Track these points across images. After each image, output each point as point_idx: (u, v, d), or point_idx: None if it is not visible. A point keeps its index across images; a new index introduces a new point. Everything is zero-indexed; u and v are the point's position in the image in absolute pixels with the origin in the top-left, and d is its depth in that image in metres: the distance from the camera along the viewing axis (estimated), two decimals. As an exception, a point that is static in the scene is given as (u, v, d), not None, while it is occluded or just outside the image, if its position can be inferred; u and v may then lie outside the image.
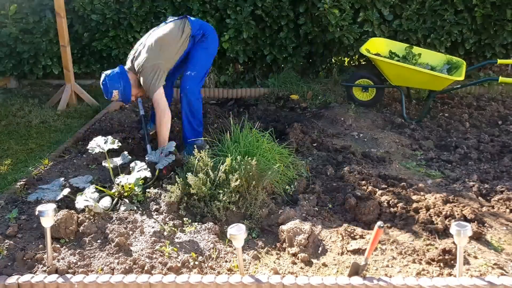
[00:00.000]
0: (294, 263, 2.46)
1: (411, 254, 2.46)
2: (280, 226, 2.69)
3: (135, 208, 2.92)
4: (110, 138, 3.31)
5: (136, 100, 3.97)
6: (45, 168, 3.55)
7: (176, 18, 3.81)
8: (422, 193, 3.03)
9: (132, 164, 3.20)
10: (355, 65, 6.32)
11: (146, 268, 2.35)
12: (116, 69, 3.61)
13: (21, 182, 3.25)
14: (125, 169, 3.30)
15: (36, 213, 2.33)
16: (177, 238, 2.65)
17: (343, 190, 3.07)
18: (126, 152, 3.36)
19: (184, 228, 2.73)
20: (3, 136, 4.49)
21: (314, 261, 2.47)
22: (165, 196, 2.93)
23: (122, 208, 2.90)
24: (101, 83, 3.57)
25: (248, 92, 5.76)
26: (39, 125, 4.81)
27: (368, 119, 4.66)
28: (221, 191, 2.84)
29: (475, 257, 2.42)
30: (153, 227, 2.72)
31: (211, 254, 2.49)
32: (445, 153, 3.83)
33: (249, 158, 3.06)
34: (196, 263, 2.41)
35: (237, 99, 5.65)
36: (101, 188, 3.04)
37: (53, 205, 2.33)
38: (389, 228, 2.72)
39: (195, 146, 3.29)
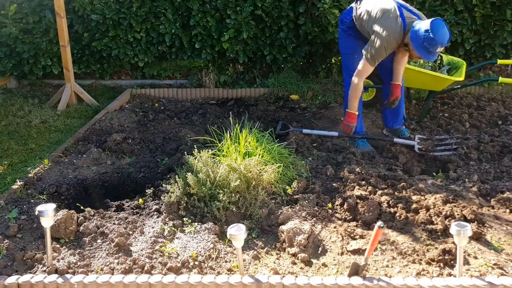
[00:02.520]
0: (294, 263, 2.46)
1: (411, 254, 2.46)
2: (280, 226, 2.69)
3: None
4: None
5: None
6: (45, 168, 3.55)
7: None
8: (422, 193, 3.03)
9: None
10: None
11: (146, 268, 2.35)
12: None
13: (21, 182, 3.24)
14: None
15: (36, 213, 2.33)
16: (177, 238, 2.65)
17: (343, 190, 3.07)
18: None
19: (184, 228, 2.73)
20: (3, 136, 4.49)
21: (314, 261, 2.47)
22: (165, 196, 2.93)
23: None
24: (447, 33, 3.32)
25: (248, 92, 5.77)
26: (39, 125, 4.81)
27: (368, 119, 4.66)
28: (221, 191, 2.84)
29: (475, 257, 2.42)
30: (153, 227, 2.72)
31: (211, 254, 2.48)
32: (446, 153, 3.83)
33: (249, 158, 3.07)
34: (196, 263, 2.41)
35: (237, 99, 5.65)
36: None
37: (53, 205, 2.33)
38: (389, 228, 2.72)
39: None
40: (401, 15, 3.44)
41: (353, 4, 3.84)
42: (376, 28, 3.47)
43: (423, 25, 3.31)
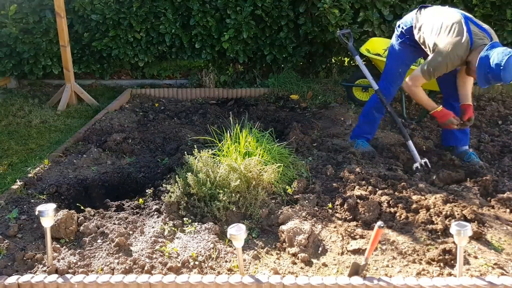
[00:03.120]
0: (294, 263, 2.46)
1: (411, 254, 2.46)
2: (280, 226, 2.69)
3: None
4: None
5: None
6: (45, 168, 3.55)
7: None
8: (422, 193, 3.03)
9: None
10: (355, 65, 6.32)
11: (146, 268, 2.35)
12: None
13: (21, 182, 3.24)
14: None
15: (36, 213, 2.33)
16: (177, 238, 2.65)
17: (343, 190, 3.07)
18: None
19: (184, 228, 2.73)
20: (3, 136, 4.49)
21: (314, 261, 2.47)
22: (165, 196, 2.93)
23: None
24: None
25: (248, 92, 5.77)
26: (39, 125, 4.81)
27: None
28: (221, 191, 2.84)
29: (475, 257, 2.42)
30: (153, 227, 2.72)
31: (211, 254, 2.48)
32: (446, 153, 3.83)
33: (249, 158, 3.07)
34: (196, 263, 2.41)
35: (237, 99, 5.65)
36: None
37: (53, 205, 2.33)
38: (389, 228, 2.72)
39: None
40: (468, 30, 3.11)
41: (414, 12, 3.54)
42: (440, 42, 3.15)
43: (496, 56, 2.92)
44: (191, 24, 5.82)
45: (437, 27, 3.22)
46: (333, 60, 6.32)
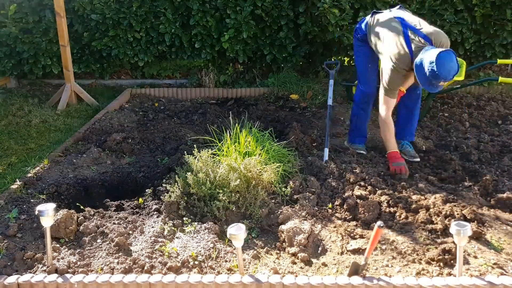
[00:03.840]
0: (294, 262, 2.46)
1: (411, 253, 2.46)
2: (280, 226, 2.69)
3: None
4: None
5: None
6: (45, 168, 3.55)
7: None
8: (422, 192, 3.03)
9: None
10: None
11: (146, 268, 2.35)
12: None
13: (21, 182, 3.24)
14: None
15: (36, 212, 2.32)
16: (177, 237, 2.65)
17: (343, 190, 3.07)
18: None
19: (184, 228, 2.73)
20: (3, 136, 4.49)
21: (314, 260, 2.47)
22: (165, 195, 2.93)
23: None
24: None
25: (248, 91, 5.77)
26: (39, 125, 4.81)
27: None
28: (221, 191, 2.84)
29: (475, 257, 2.42)
30: (152, 227, 2.72)
31: (210, 254, 2.49)
32: (446, 153, 3.83)
33: (249, 158, 3.07)
34: (196, 262, 2.41)
35: (236, 99, 5.65)
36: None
37: (53, 205, 2.33)
38: (389, 228, 2.72)
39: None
40: (407, 41, 3.22)
41: (368, 17, 3.67)
42: (383, 57, 3.36)
43: (428, 55, 3.01)
44: (191, 23, 5.82)
45: (381, 39, 3.39)
46: (332, 59, 6.31)
